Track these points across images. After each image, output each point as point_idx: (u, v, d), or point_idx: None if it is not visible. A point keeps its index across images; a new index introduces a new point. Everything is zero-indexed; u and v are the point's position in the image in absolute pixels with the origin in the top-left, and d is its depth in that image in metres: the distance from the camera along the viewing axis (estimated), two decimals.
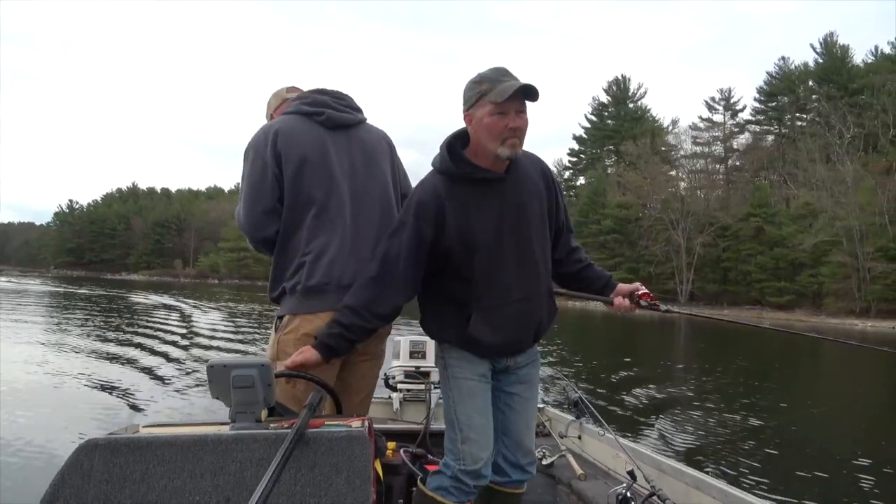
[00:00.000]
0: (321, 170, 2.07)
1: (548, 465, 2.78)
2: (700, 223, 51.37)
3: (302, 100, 2.16)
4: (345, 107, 2.19)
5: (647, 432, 7.04)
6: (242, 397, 1.44)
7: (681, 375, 12.68)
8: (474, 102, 1.87)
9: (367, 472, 1.36)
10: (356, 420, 1.55)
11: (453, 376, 1.99)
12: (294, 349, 1.93)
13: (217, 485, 1.32)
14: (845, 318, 38.56)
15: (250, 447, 1.35)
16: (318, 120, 2.11)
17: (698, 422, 7.72)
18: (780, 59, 61.92)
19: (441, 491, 1.93)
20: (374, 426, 1.68)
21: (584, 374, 11.58)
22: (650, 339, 23.47)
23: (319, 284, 2.00)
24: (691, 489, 2.29)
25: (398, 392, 3.74)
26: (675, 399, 9.46)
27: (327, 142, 2.11)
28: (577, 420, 3.17)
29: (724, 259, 49.47)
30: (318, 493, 1.32)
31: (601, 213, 56.55)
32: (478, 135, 1.88)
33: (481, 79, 1.88)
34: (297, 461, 1.32)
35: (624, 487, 2.23)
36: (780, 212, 48.18)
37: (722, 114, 60.45)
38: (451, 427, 1.96)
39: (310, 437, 1.37)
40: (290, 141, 2.05)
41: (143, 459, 1.33)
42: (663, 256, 52.66)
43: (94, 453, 1.33)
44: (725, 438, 6.87)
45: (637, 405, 8.76)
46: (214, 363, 1.46)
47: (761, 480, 5.38)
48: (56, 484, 1.31)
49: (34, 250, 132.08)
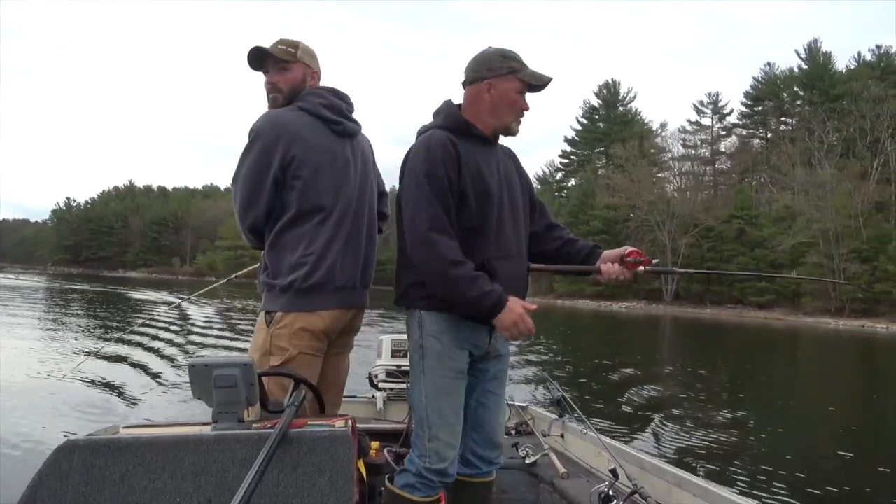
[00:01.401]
0: (334, 179, 2.06)
1: (531, 463, 2.74)
2: (685, 224, 52.86)
3: (320, 100, 2.10)
4: (351, 116, 2.20)
5: (632, 431, 7.16)
6: (224, 397, 1.41)
7: (665, 373, 12.90)
8: (504, 74, 1.93)
9: (350, 472, 1.35)
10: (339, 420, 1.54)
11: (430, 368, 1.91)
12: (288, 343, 1.96)
13: (199, 486, 1.30)
14: (821, 318, 40.05)
15: (232, 448, 1.33)
16: (335, 129, 2.10)
17: (683, 420, 7.89)
18: (765, 64, 63.71)
19: (408, 488, 1.90)
20: (358, 426, 1.69)
21: (568, 374, 11.75)
22: (636, 338, 24.10)
23: (318, 284, 1.99)
24: (672, 487, 2.28)
25: (381, 391, 3.73)
26: (662, 398, 9.59)
27: (341, 151, 2.11)
28: (560, 419, 3.16)
29: (708, 259, 50.92)
30: (300, 493, 1.31)
31: (590, 215, 57.99)
32: (493, 104, 1.94)
33: (509, 55, 1.96)
34: (279, 461, 1.31)
35: (606, 486, 2.21)
36: (761, 214, 49.75)
37: (710, 117, 62.08)
38: (420, 424, 1.91)
39: (293, 436, 1.35)
40: (307, 147, 2.01)
41: (123, 460, 1.31)
42: (649, 256, 53.60)
43: (73, 454, 1.30)
44: (709, 436, 7.04)
45: (622, 404, 8.88)
46: (196, 363, 1.43)
47: (741, 477, 5.48)
48: (33, 486, 1.28)
49: (31, 247, 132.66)
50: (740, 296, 47.57)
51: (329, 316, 2.04)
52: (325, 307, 2.02)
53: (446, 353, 1.91)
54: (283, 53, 2.12)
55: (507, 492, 2.60)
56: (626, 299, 54.18)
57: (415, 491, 1.89)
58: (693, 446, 6.58)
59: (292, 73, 2.13)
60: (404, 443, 2.65)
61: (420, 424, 1.91)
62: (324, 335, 2.04)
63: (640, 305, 51.71)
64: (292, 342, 1.96)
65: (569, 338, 21.54)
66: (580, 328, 27.73)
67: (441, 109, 2.01)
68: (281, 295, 2.01)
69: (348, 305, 2.11)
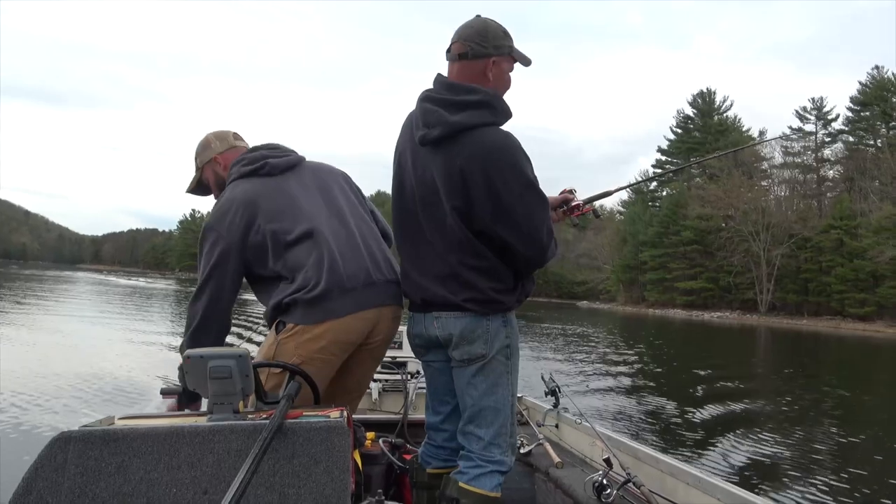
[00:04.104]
0: (292, 206, 2.04)
1: (525, 453, 2.75)
2: (781, 234, 52.09)
3: (239, 164, 2.12)
4: (280, 153, 2.16)
5: (706, 446, 6.83)
6: (220, 388, 1.41)
7: (759, 387, 12.27)
8: (505, 54, 1.84)
9: (345, 463, 1.35)
10: (335, 410, 1.54)
11: (515, 367, 1.91)
12: (294, 353, 1.92)
13: (194, 476, 1.30)
14: None
15: (228, 438, 1.33)
16: (262, 173, 2.08)
17: (769, 437, 7.38)
18: (873, 67, 61.04)
19: (498, 487, 1.86)
20: (353, 416, 1.72)
21: (663, 384, 11.56)
22: (728, 349, 23.30)
23: (324, 293, 1.94)
24: (666, 476, 2.28)
25: (376, 382, 3.71)
26: (751, 413, 9.19)
27: (282, 186, 2.08)
28: (555, 409, 3.17)
29: (805, 270, 50.13)
30: (296, 483, 1.31)
31: (681, 225, 58.16)
32: (494, 84, 1.84)
33: (507, 33, 1.86)
34: (275, 452, 1.32)
35: (600, 475, 2.20)
36: (860, 223, 48.45)
37: (814, 123, 60.24)
38: (505, 422, 1.89)
39: (288, 427, 1.35)
40: (252, 207, 2.00)
41: (119, 451, 1.30)
42: (742, 267, 53.66)
43: (69, 446, 1.30)
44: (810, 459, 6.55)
45: (707, 419, 8.52)
46: (191, 353, 1.42)
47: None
48: (29, 477, 1.28)
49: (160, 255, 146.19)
50: (838, 307, 46.53)
51: (340, 325, 1.96)
52: (333, 315, 1.95)
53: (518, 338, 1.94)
54: (196, 174, 2.28)
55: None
56: (718, 309, 54.01)
57: (501, 489, 1.89)
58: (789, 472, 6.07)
59: (207, 176, 2.25)
60: (399, 433, 2.78)
61: (505, 423, 1.89)
62: (334, 345, 1.97)
63: (734, 315, 51.47)
64: (298, 352, 1.93)
65: (665, 346, 21.29)
66: (672, 338, 26.98)
67: (502, 101, 1.84)
68: (289, 308, 1.97)
69: (366, 307, 2.01)
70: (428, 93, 1.87)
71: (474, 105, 1.78)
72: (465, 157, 1.75)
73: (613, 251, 69.46)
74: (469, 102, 1.78)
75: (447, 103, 1.79)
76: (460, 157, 1.75)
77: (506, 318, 1.88)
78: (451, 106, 1.78)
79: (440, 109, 1.79)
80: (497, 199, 1.75)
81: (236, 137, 2.29)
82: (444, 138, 1.78)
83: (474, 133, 1.76)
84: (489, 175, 1.74)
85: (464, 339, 1.84)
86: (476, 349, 1.85)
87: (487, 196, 1.75)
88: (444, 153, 1.78)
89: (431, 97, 1.84)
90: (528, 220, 1.78)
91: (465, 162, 1.75)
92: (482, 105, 1.78)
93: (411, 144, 1.90)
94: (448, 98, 1.80)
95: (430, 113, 1.81)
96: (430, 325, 1.90)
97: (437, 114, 1.79)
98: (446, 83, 1.85)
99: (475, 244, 1.81)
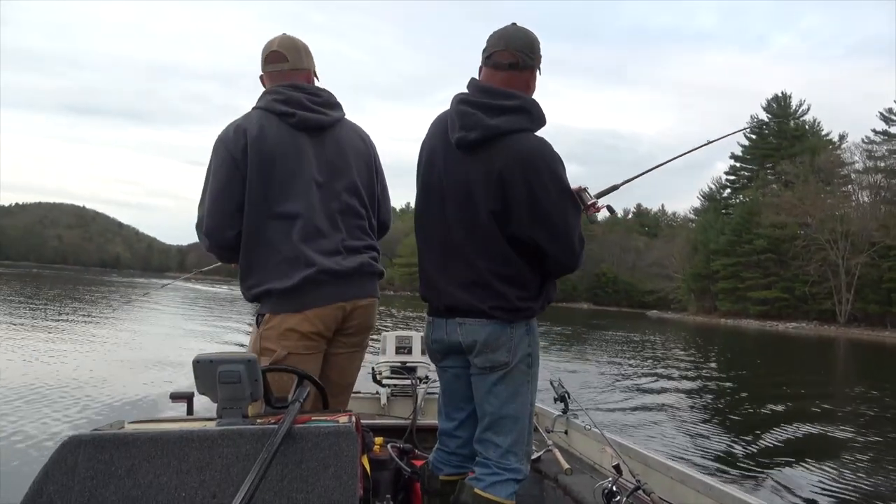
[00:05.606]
0: (294, 176, 2.01)
1: (535, 459, 2.70)
2: (861, 242, 50.25)
3: (275, 95, 2.04)
4: (319, 105, 2.08)
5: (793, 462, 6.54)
6: (229, 393, 1.41)
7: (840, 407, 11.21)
8: (538, 66, 1.89)
9: (354, 468, 1.36)
10: (343, 415, 1.54)
11: (535, 376, 1.93)
12: (276, 345, 1.95)
13: (203, 480, 1.31)
14: None
15: (237, 443, 1.34)
16: (289, 122, 2.02)
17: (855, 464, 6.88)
18: None
19: (513, 496, 1.88)
20: (362, 421, 1.73)
21: (731, 400, 11.23)
22: (805, 359, 23.04)
23: (298, 286, 1.95)
24: (676, 483, 2.28)
25: (385, 387, 3.73)
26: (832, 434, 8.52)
27: (300, 146, 2.03)
28: (564, 415, 3.15)
29: (888, 280, 48.10)
30: (305, 488, 1.32)
31: (754, 234, 56.97)
32: (531, 93, 1.88)
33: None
34: (283, 457, 1.32)
35: (610, 482, 2.19)
36: None
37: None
38: (523, 431, 1.90)
39: (297, 432, 1.35)
40: (261, 146, 1.96)
41: (129, 455, 1.31)
42: (819, 276, 52.08)
43: (79, 449, 1.31)
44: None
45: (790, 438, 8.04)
46: (200, 358, 1.42)
47: None
48: (39, 480, 1.29)
49: None
50: None
51: (317, 314, 1.99)
52: (310, 305, 1.98)
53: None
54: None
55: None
56: (794, 319, 52.63)
57: (516, 496, 1.89)
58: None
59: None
60: (408, 439, 2.79)
61: (523, 431, 1.90)
62: (314, 335, 2.00)
63: (811, 326, 50.10)
64: (280, 343, 1.96)
65: (736, 358, 20.68)
66: (746, 350, 25.97)
67: (531, 103, 1.84)
68: (266, 298, 2.00)
69: (341, 300, 2.03)
70: (464, 96, 1.88)
71: (512, 110, 1.80)
72: (504, 162, 1.77)
73: (684, 260, 68.48)
74: (507, 107, 1.80)
75: (485, 107, 1.81)
76: (499, 161, 1.77)
77: (529, 325, 1.90)
78: (490, 110, 1.80)
79: (478, 112, 1.80)
80: (535, 204, 1.76)
81: (272, 57, 2.12)
82: (481, 141, 1.80)
83: (512, 138, 1.79)
84: (529, 180, 1.76)
85: (487, 347, 1.85)
86: (499, 357, 1.86)
87: (526, 201, 1.76)
88: (482, 156, 1.81)
89: (468, 100, 1.85)
90: (564, 226, 1.81)
91: (505, 166, 1.76)
92: (520, 110, 1.81)
93: (443, 145, 1.91)
94: (486, 102, 1.81)
95: (467, 115, 1.82)
96: (452, 330, 1.91)
97: (476, 117, 1.80)
98: (483, 87, 1.86)
99: (505, 249, 1.82)
